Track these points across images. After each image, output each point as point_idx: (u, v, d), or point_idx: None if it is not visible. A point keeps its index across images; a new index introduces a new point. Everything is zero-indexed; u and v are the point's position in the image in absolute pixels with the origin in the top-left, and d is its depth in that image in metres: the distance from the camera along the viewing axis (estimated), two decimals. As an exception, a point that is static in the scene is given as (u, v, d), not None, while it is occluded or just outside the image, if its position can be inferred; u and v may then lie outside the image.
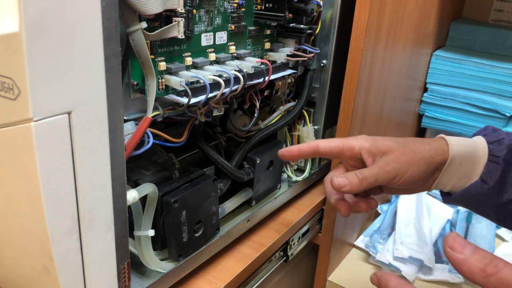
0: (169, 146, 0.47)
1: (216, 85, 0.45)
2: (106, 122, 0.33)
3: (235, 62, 0.49)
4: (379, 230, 0.77)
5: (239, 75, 0.47)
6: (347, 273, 0.72)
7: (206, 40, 0.46)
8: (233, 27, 0.49)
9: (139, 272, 0.46)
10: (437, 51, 0.87)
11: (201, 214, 0.48)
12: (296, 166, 0.68)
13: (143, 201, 0.43)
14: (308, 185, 0.69)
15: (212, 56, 0.47)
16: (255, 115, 0.56)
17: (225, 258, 0.53)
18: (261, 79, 0.51)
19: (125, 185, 0.36)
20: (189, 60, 0.44)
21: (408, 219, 0.79)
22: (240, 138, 0.58)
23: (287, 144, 0.66)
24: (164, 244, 0.47)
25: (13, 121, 0.29)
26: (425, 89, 0.89)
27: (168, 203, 0.44)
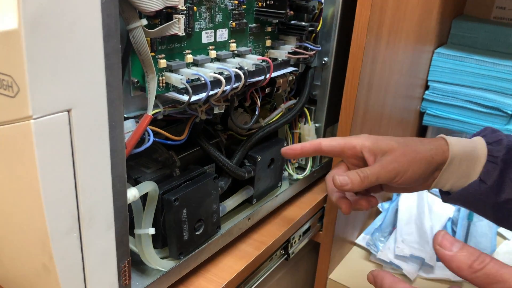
0: (170, 144, 0.47)
1: (217, 83, 0.44)
2: (106, 120, 0.32)
3: (236, 60, 0.49)
4: (380, 228, 0.77)
5: (240, 73, 0.47)
6: (348, 272, 0.72)
7: (207, 38, 0.46)
8: (234, 24, 0.49)
9: (140, 271, 0.45)
10: (439, 49, 0.86)
11: (202, 212, 0.48)
12: (297, 164, 0.68)
13: (144, 199, 0.43)
14: (309, 183, 0.69)
15: (213, 54, 0.47)
16: (256, 113, 0.56)
17: (226, 257, 0.53)
18: (262, 77, 0.51)
19: (126, 183, 0.36)
20: (190, 58, 0.44)
21: (409, 217, 0.79)
22: (241, 136, 0.58)
23: (288, 142, 0.65)
24: (165, 242, 0.46)
25: (12, 119, 0.28)
26: (427, 87, 0.89)
27: (169, 201, 0.43)
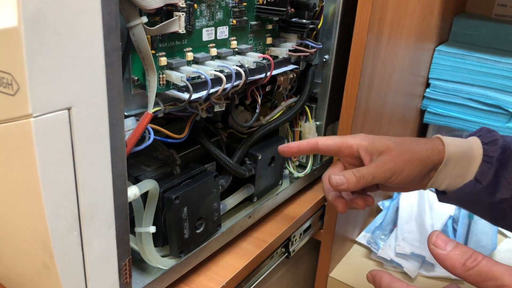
0: (170, 142, 0.47)
1: (218, 81, 0.44)
2: (107, 118, 0.32)
3: (237, 57, 0.49)
4: (381, 226, 0.77)
5: (241, 71, 0.46)
6: (349, 270, 0.72)
7: (208, 35, 0.46)
8: (235, 22, 0.48)
9: (140, 269, 0.45)
10: (440, 46, 0.86)
11: (203, 211, 0.48)
12: (298, 162, 0.68)
13: (144, 198, 0.43)
14: (310, 181, 0.69)
15: (214, 51, 0.47)
16: (257, 111, 0.55)
17: (227, 255, 0.53)
18: (263, 75, 0.50)
19: (126, 182, 0.36)
20: (190, 55, 0.44)
21: (410, 215, 0.79)
22: (242, 134, 0.58)
23: (289, 140, 0.65)
24: (166, 241, 0.46)
25: (12, 117, 0.28)
26: (428, 85, 0.89)
27: (169, 200, 0.43)
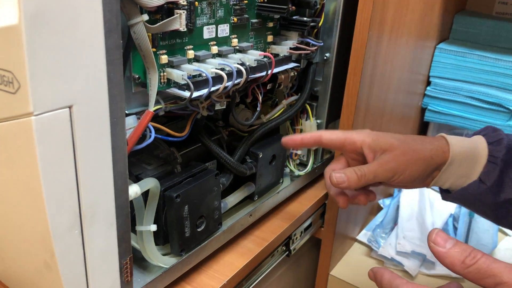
0: (171, 140, 0.46)
1: (219, 79, 0.44)
2: (108, 116, 0.32)
3: (238, 55, 0.49)
4: (382, 225, 0.77)
5: (242, 69, 0.46)
6: (349, 268, 0.72)
7: (208, 33, 0.46)
8: (236, 20, 0.48)
9: (141, 267, 0.45)
10: (441, 44, 0.86)
11: (203, 209, 0.48)
12: (299, 161, 0.68)
13: (145, 196, 0.43)
14: (311, 180, 0.69)
15: (214, 49, 0.46)
16: (258, 109, 0.55)
17: (228, 253, 0.53)
18: (264, 73, 0.50)
19: (127, 180, 0.36)
20: (191, 53, 0.44)
21: (411, 214, 0.79)
22: (243, 132, 0.58)
23: (290, 138, 0.65)
24: (166, 239, 0.46)
25: (13, 116, 0.28)
26: (428, 83, 0.88)
27: (170, 198, 0.43)
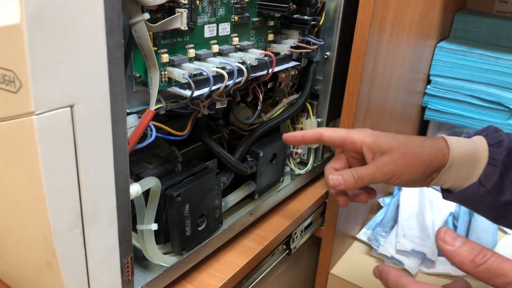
0: (172, 139, 0.46)
1: (219, 78, 0.44)
2: (109, 115, 0.32)
3: (239, 54, 0.49)
4: (382, 223, 0.77)
5: (243, 67, 0.46)
6: (349, 266, 0.72)
7: (209, 32, 0.46)
8: (237, 18, 0.48)
9: (142, 266, 0.45)
10: (441, 43, 0.86)
11: (204, 208, 0.48)
12: (299, 159, 0.68)
13: (146, 195, 0.43)
14: (311, 178, 0.69)
15: (215, 48, 0.46)
16: (258, 108, 0.55)
17: (228, 252, 0.53)
18: (265, 71, 0.50)
19: (128, 179, 0.36)
20: (192, 52, 0.44)
21: (411, 212, 0.79)
22: (243, 131, 0.58)
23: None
24: (167, 238, 0.46)
25: (15, 115, 0.28)
26: (429, 81, 0.88)
27: (171, 197, 0.43)
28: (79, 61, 0.29)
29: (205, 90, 0.43)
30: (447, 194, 0.51)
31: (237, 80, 0.46)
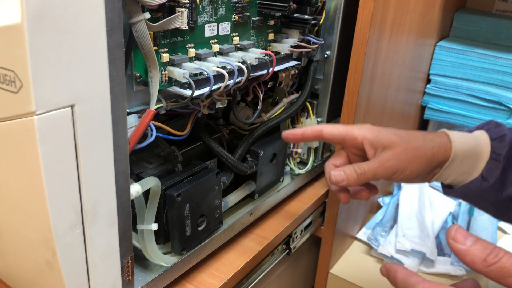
0: (172, 139, 0.46)
1: (220, 77, 0.44)
2: (109, 115, 0.32)
3: (239, 53, 0.48)
4: (381, 223, 0.77)
5: (243, 67, 0.46)
6: (349, 266, 0.72)
7: (210, 31, 0.46)
8: (237, 18, 0.48)
9: (143, 266, 0.45)
10: (441, 42, 0.86)
11: (204, 208, 0.48)
12: (299, 159, 0.68)
13: (146, 195, 0.43)
14: (311, 178, 0.69)
15: (216, 47, 0.46)
16: (258, 107, 0.55)
17: (228, 252, 0.53)
18: (265, 71, 0.50)
19: (129, 179, 0.36)
20: (193, 52, 0.44)
21: (410, 212, 0.79)
22: (243, 131, 0.58)
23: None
24: (167, 238, 0.46)
25: (15, 115, 0.28)
26: (428, 81, 0.88)
27: (172, 197, 0.43)
28: (80, 61, 0.29)
29: (206, 90, 0.43)
30: (449, 190, 0.50)
31: (238, 80, 0.46)
